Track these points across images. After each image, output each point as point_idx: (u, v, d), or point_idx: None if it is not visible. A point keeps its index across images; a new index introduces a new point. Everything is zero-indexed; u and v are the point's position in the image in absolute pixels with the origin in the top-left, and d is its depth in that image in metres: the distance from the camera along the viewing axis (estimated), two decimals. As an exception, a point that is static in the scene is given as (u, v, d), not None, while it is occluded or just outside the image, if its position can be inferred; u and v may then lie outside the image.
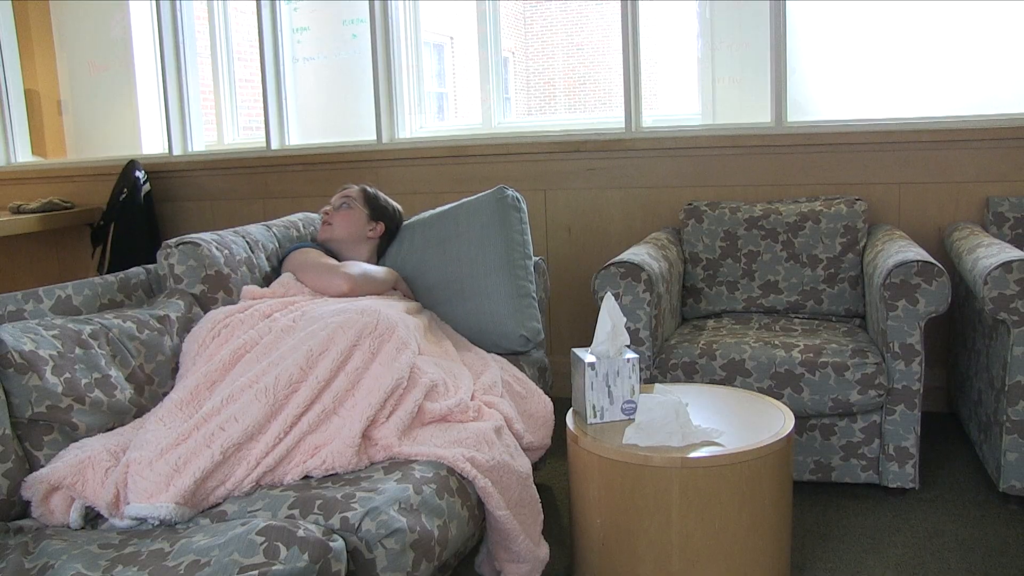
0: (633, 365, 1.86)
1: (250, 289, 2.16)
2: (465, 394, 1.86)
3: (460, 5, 3.89)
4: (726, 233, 2.90)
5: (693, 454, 1.69)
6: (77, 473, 1.55)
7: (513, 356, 2.32)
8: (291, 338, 1.82)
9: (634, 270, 2.42)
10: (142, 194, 3.76)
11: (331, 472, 1.60)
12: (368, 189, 2.52)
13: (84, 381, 1.69)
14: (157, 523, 1.47)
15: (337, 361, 1.75)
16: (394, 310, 2.01)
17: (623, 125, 3.31)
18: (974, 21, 3.06)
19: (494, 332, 2.33)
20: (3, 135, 4.28)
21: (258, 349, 1.82)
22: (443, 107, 4.87)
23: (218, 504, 1.54)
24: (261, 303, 2.05)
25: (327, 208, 2.46)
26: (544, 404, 2.08)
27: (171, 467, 1.51)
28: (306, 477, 1.60)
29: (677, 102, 3.89)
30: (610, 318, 1.87)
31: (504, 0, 3.64)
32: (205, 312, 2.10)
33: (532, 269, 2.45)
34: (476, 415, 1.84)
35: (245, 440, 1.59)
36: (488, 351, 2.29)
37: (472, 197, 2.52)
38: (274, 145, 3.82)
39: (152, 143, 4.27)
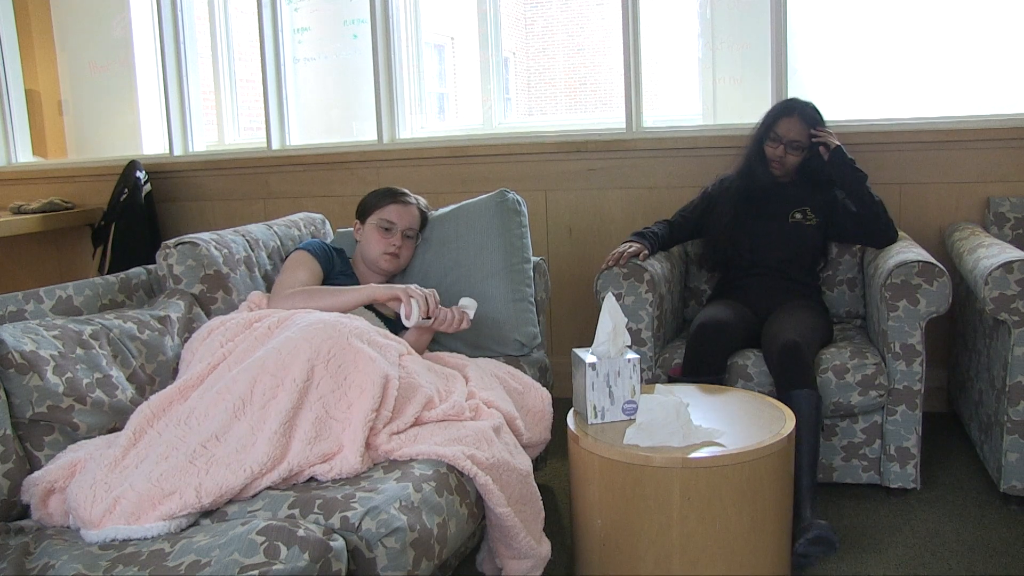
0: (634, 365, 1.86)
1: (255, 296, 2.14)
2: (459, 396, 1.85)
3: (461, 5, 3.89)
4: (727, 233, 2.89)
5: (694, 454, 1.68)
6: (69, 476, 1.55)
7: (514, 356, 2.32)
8: (264, 345, 1.78)
9: (637, 271, 2.42)
10: (143, 194, 3.76)
11: (338, 477, 1.59)
12: (423, 209, 2.41)
13: (85, 381, 1.69)
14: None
15: (312, 360, 1.69)
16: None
17: (624, 125, 3.31)
18: (975, 21, 3.06)
19: (490, 336, 2.32)
20: (4, 135, 4.27)
21: (231, 359, 1.78)
22: (444, 107, 4.86)
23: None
24: (251, 313, 2.01)
25: (394, 241, 2.28)
26: (542, 398, 2.07)
27: (152, 484, 1.46)
28: (310, 479, 1.60)
29: (678, 102, 3.88)
30: (611, 318, 1.86)
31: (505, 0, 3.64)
32: (205, 312, 2.10)
33: (531, 273, 2.44)
34: (473, 415, 1.83)
35: (233, 460, 1.54)
36: (485, 355, 2.24)
37: (473, 199, 2.51)
38: (275, 145, 3.82)
39: (153, 143, 4.27)
